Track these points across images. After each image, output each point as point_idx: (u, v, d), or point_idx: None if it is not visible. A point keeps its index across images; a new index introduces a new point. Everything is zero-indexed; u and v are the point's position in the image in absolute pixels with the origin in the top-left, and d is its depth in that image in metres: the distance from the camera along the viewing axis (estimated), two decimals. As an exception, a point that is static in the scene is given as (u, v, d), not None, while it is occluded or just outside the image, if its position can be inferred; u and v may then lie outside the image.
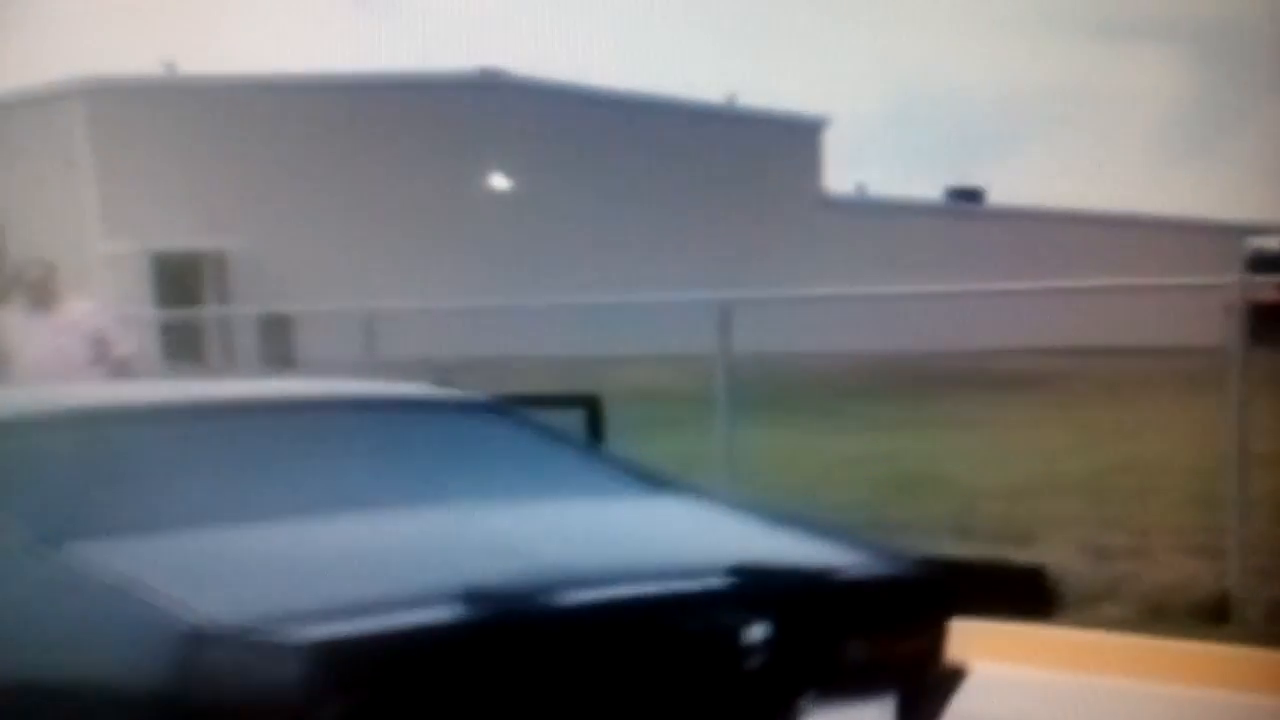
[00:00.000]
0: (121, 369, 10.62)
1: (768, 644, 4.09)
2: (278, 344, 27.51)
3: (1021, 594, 4.76)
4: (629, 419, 16.51)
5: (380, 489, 4.85)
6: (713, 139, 41.37)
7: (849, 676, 4.35)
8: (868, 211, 44.67)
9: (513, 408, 5.95)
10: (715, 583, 4.13)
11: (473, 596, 3.74)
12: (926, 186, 57.88)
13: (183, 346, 28.36)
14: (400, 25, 70.08)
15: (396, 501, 4.73)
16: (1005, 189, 53.42)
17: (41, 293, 10.71)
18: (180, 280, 33.57)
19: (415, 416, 5.62)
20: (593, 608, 3.91)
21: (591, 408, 9.00)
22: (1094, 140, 77.07)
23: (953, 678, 4.65)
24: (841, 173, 46.76)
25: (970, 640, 4.78)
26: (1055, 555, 9.05)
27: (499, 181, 37.60)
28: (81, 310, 10.86)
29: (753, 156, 41.70)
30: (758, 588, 4.15)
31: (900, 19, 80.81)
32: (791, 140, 43.51)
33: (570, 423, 9.00)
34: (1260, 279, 12.36)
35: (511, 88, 38.26)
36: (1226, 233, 46.10)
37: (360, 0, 68.85)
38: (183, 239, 34.29)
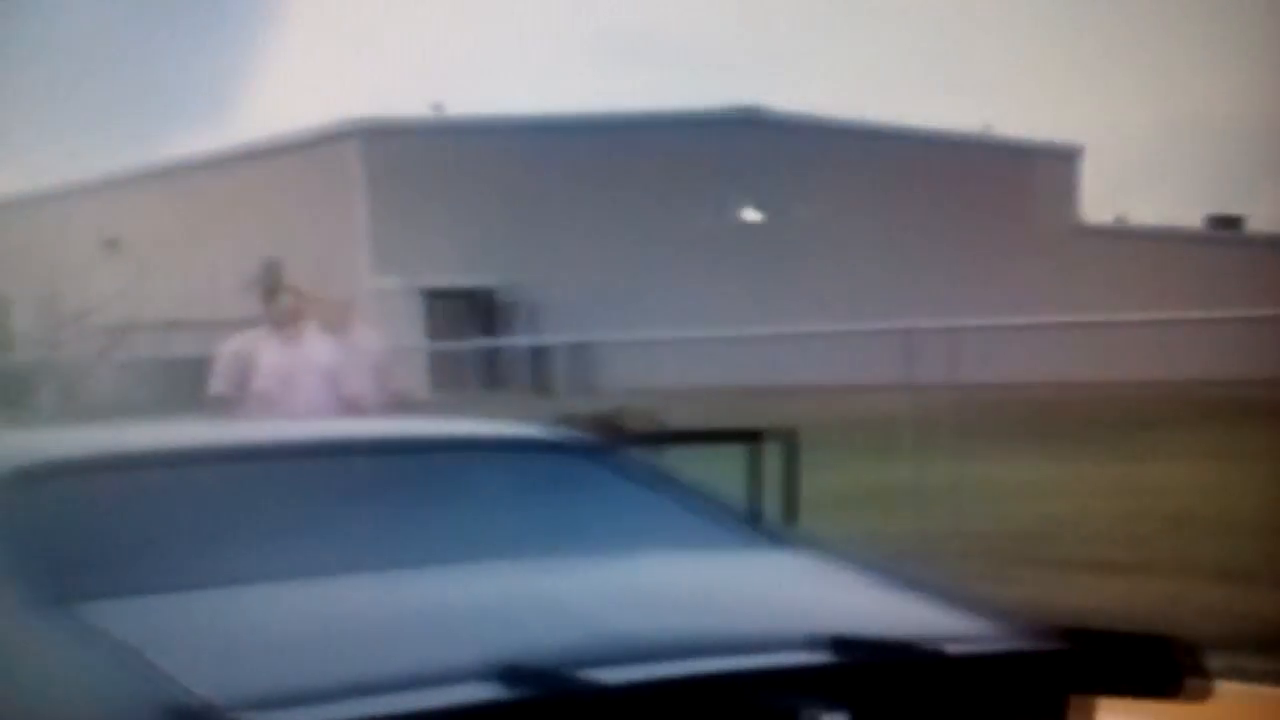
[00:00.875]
0: (355, 406, 10.25)
1: None
2: (540, 374, 28.56)
3: (1149, 670, 3.98)
4: (850, 448, 17.08)
5: (438, 542, 4.50)
6: (968, 168, 41.53)
7: None
8: (1124, 239, 44.40)
9: (616, 449, 5.49)
10: (790, 659, 3.66)
11: (502, 673, 3.37)
12: (1187, 215, 57.25)
13: (452, 378, 29.55)
14: (657, 64, 71.20)
15: (452, 557, 4.37)
16: (1266, 217, 52.71)
17: (287, 316, 10.44)
18: (449, 315, 34.79)
19: (494, 459, 5.18)
20: (641, 687, 3.46)
21: (788, 442, 8.96)
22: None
23: None
24: (1102, 201, 46.53)
25: None
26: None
27: (751, 214, 38.27)
28: (367, 338, 10.71)
29: (1008, 186, 41.79)
30: (841, 666, 3.67)
31: (1163, 49, 79.73)
32: (1047, 169, 43.51)
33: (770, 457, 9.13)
34: None
35: (768, 123, 38.94)
36: None
37: (614, 40, 70.02)
38: (451, 276, 35.53)
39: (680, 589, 4.29)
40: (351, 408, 10.22)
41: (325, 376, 10.34)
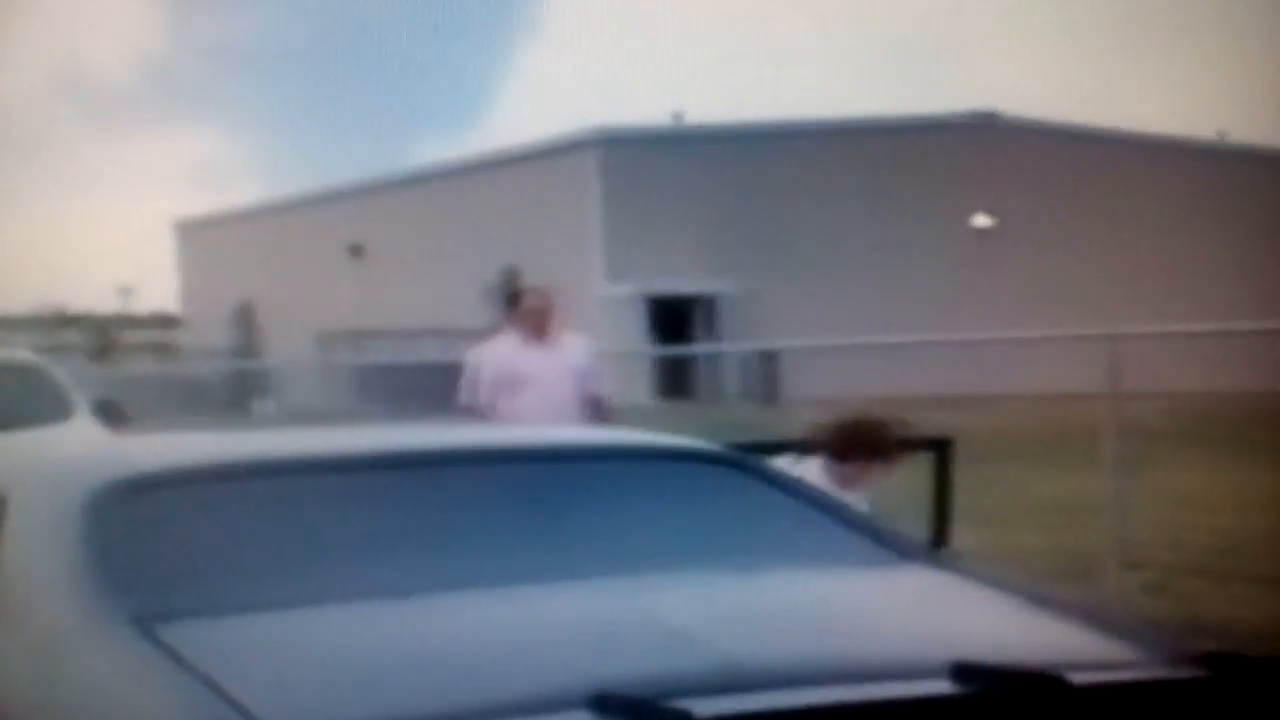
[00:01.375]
0: (600, 408, 10.04)
1: None
2: (762, 380, 28.74)
3: None
4: (1036, 458, 16.86)
5: (555, 558, 4.32)
6: (1201, 175, 40.76)
7: None
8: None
9: (749, 458, 5.24)
10: (912, 688, 3.43)
11: (600, 702, 3.19)
12: None
13: (674, 384, 29.90)
14: (893, 68, 70.87)
15: (570, 573, 4.19)
16: None
17: (539, 322, 10.07)
18: (672, 321, 35.15)
19: (617, 469, 4.96)
20: (752, 717, 3.28)
21: (940, 451, 9.10)
22: None
23: None
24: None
25: None
26: None
27: (982, 220, 38.03)
28: (572, 344, 10.21)
29: (1244, 192, 40.87)
30: (965, 696, 3.43)
31: None
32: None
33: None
34: None
35: (1002, 128, 38.66)
36: None
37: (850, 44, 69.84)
38: (676, 283, 35.89)
39: (806, 609, 4.10)
40: (599, 410, 10.00)
41: (578, 380, 10.05)
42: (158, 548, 4.15)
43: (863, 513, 5.16)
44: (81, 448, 7.12)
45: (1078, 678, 3.47)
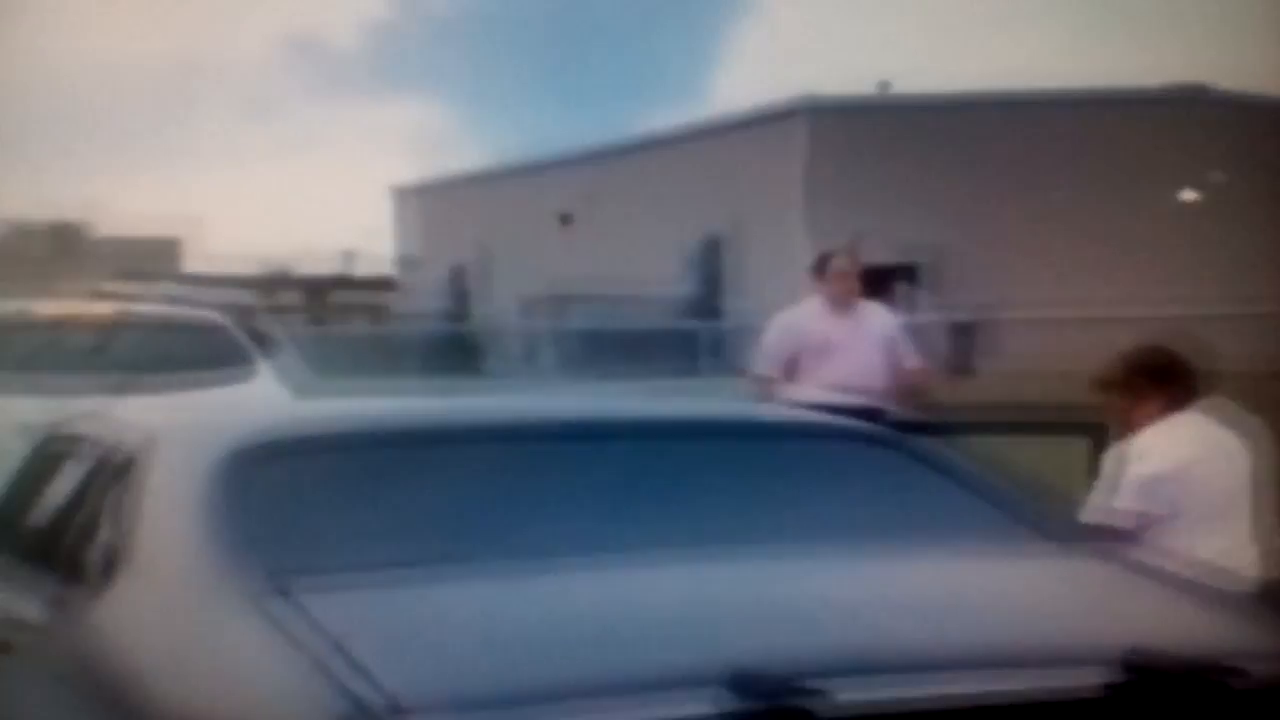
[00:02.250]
0: (911, 386, 9.59)
1: None
2: (959, 352, 28.58)
3: None
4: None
5: (689, 532, 4.23)
6: None
7: None
8: None
9: (898, 435, 5.10)
10: (1059, 679, 3.29)
11: (733, 682, 3.06)
12: None
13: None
14: (1103, 40, 69.57)
15: (702, 548, 4.12)
16: None
17: (848, 286, 9.63)
18: (873, 291, 34.95)
19: (767, 445, 4.89)
20: (884, 705, 3.16)
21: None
22: None
23: None
24: None
25: None
26: None
27: (1189, 195, 37.35)
28: (877, 311, 9.85)
29: None
30: (1117, 688, 3.25)
31: None
32: None
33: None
34: None
35: (1211, 101, 37.91)
36: None
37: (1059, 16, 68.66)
38: (878, 252, 35.80)
39: (958, 593, 3.96)
40: (911, 383, 9.60)
41: (887, 348, 9.64)
42: (290, 512, 4.19)
43: (1029, 495, 4.89)
44: (222, 410, 7.28)
45: (1244, 672, 3.32)
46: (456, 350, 37.36)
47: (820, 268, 9.79)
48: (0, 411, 9.50)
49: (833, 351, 9.45)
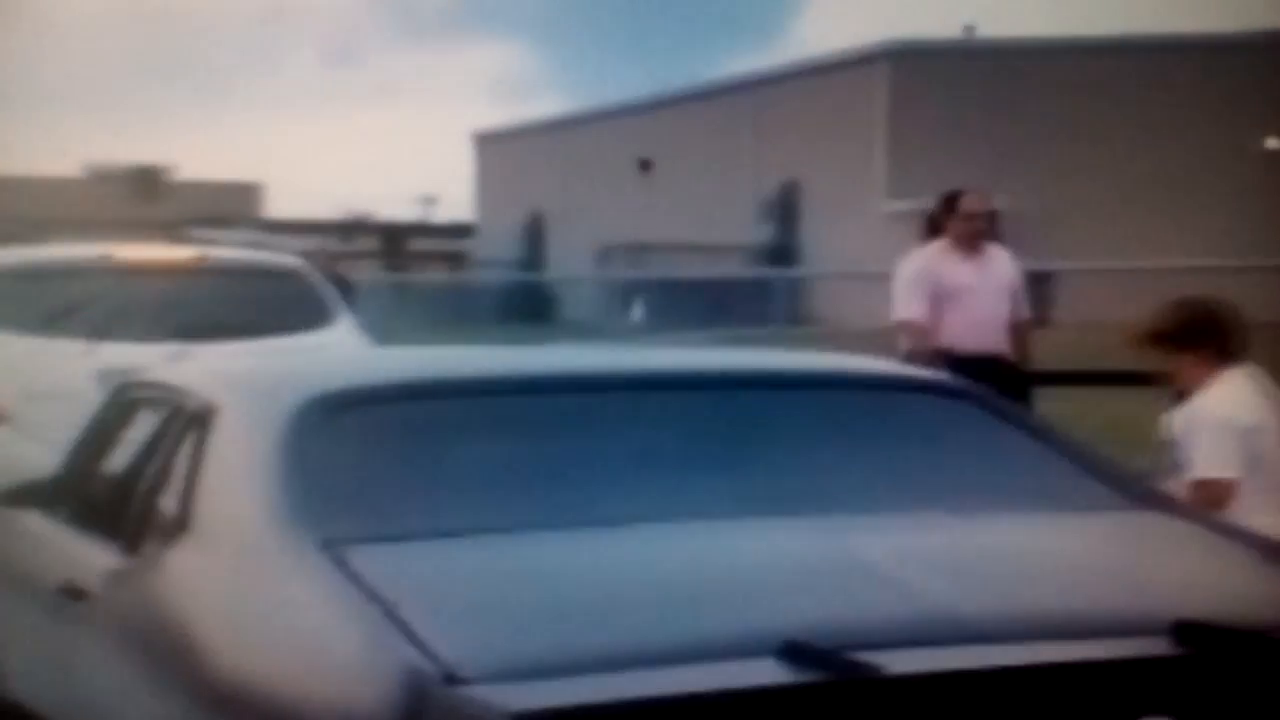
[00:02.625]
0: (1020, 331, 9.17)
1: None
2: (1035, 302, 28.34)
3: None
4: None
5: (753, 492, 4.10)
6: None
7: None
8: None
9: (972, 390, 4.84)
10: (1115, 649, 3.21)
11: (790, 651, 3.04)
12: None
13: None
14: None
15: (767, 508, 4.00)
16: None
17: (978, 228, 9.17)
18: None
19: (837, 399, 4.69)
20: (955, 674, 3.09)
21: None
22: None
23: None
24: None
25: None
26: None
27: (1273, 143, 36.81)
28: (1001, 256, 9.33)
29: None
30: (1176, 659, 3.19)
31: None
32: None
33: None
34: None
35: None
36: None
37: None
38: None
39: (1022, 557, 3.84)
40: (1020, 331, 9.18)
41: (1011, 296, 9.19)
42: (356, 467, 4.08)
43: (1088, 451, 4.66)
44: (294, 360, 7.11)
45: None
46: (533, 300, 37.40)
47: (948, 207, 9.29)
48: (80, 357, 9.39)
49: (962, 295, 9.01)
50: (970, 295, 9.02)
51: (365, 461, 4.14)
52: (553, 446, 4.29)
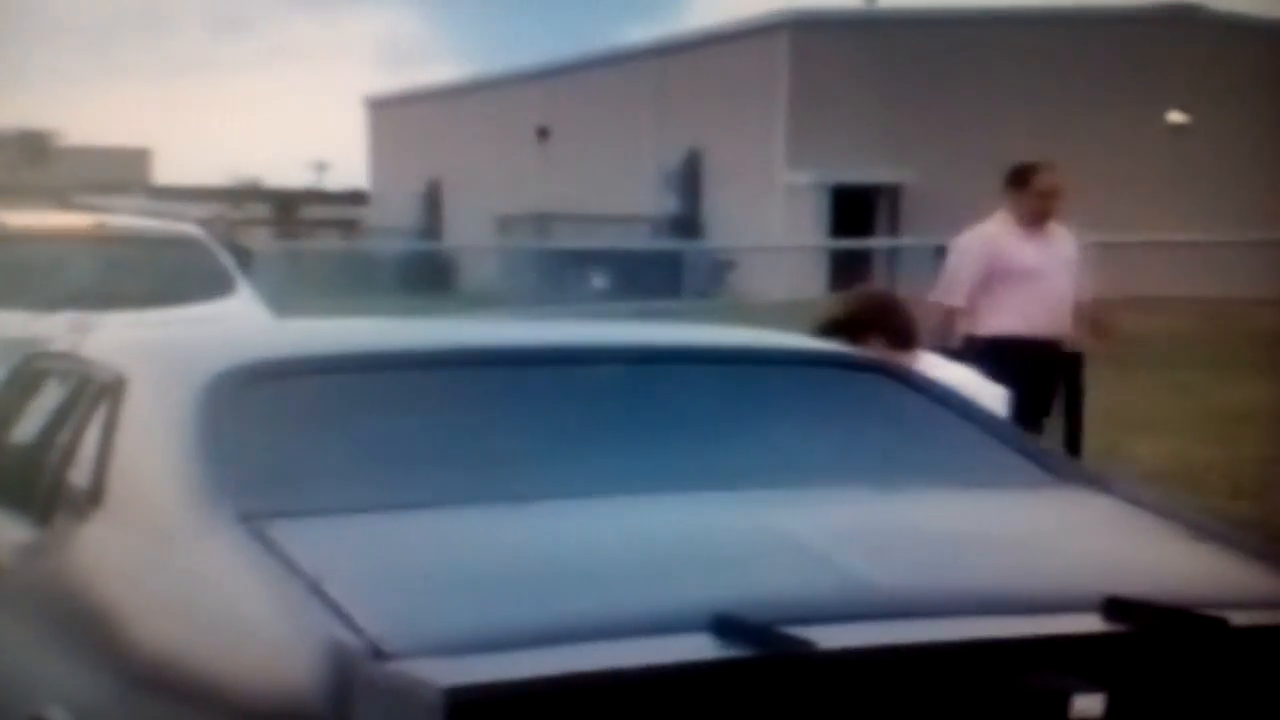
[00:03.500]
0: (1091, 319, 8.74)
1: None
2: (937, 275, 28.24)
3: None
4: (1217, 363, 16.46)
5: (678, 466, 4.09)
6: None
7: None
8: None
9: (888, 365, 4.92)
10: (1048, 625, 3.21)
11: (719, 625, 3.03)
12: None
13: (852, 279, 29.51)
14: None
15: (691, 483, 3.97)
16: None
17: (1050, 205, 8.66)
18: (853, 212, 34.69)
19: (752, 374, 4.68)
20: (886, 650, 3.09)
21: (1072, 363, 8.36)
22: None
23: None
24: None
25: None
26: None
27: (1176, 116, 37.01)
28: (1063, 234, 8.83)
29: None
30: (1106, 635, 3.20)
31: None
32: None
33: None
34: None
35: (1203, 21, 37.54)
36: None
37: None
38: (859, 172, 35.42)
39: (949, 532, 3.82)
40: (1083, 313, 8.72)
41: (1074, 275, 8.72)
42: (272, 440, 4.00)
43: (1007, 427, 4.72)
44: (205, 332, 7.01)
45: (1238, 617, 3.23)
46: (431, 269, 36.98)
47: (1019, 181, 8.69)
48: None
49: (1026, 277, 8.47)
50: (1038, 276, 8.49)
51: (282, 435, 4.05)
52: (473, 421, 4.22)
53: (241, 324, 9.17)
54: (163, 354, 4.69)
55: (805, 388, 4.65)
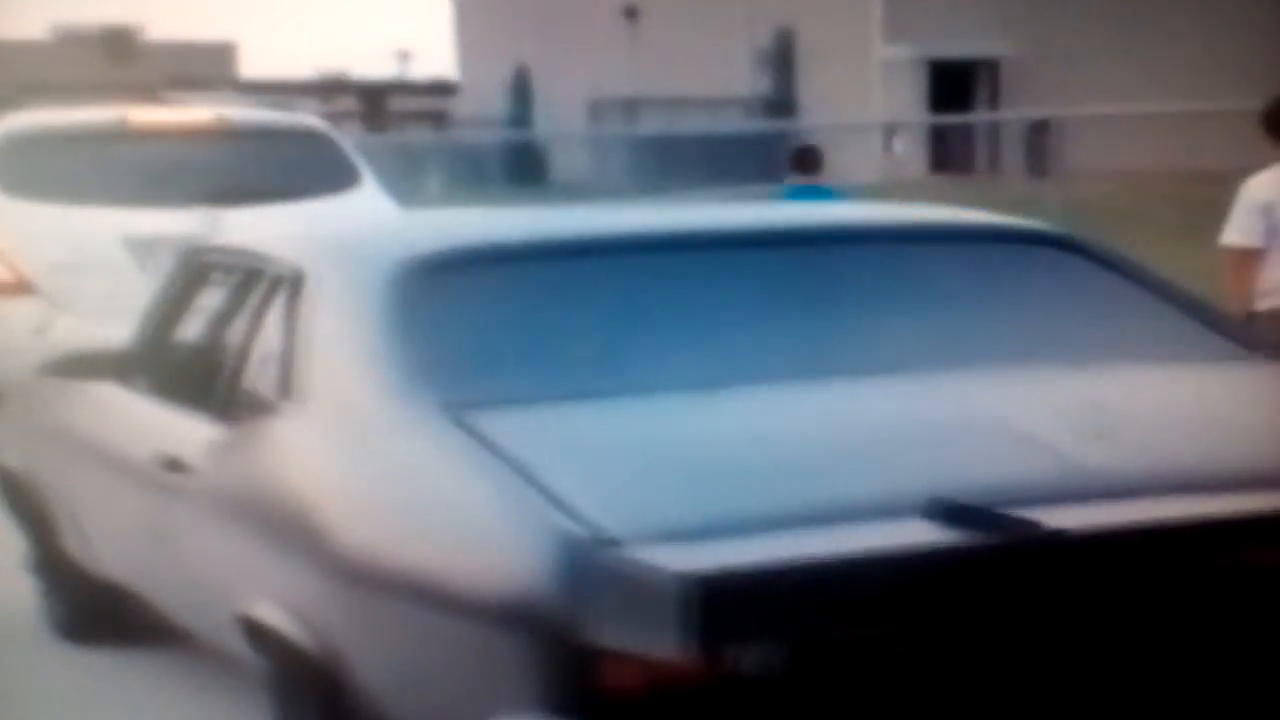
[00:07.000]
0: None
1: None
2: (1032, 152, 27.74)
3: None
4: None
5: (877, 348, 4.01)
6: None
7: None
8: None
9: (1081, 240, 4.73)
10: (1251, 502, 3.15)
11: (941, 509, 2.99)
12: None
13: (952, 157, 29.09)
14: None
15: (888, 366, 3.87)
16: None
17: None
18: (953, 88, 34.14)
19: (944, 252, 4.53)
20: (1106, 533, 3.02)
21: None
22: None
23: None
24: None
25: None
26: None
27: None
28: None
29: None
30: None
31: None
32: None
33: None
34: None
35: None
36: None
37: None
38: (958, 45, 34.79)
39: (1157, 410, 3.76)
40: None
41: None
42: (462, 331, 3.95)
43: (1202, 300, 4.62)
44: (380, 223, 6.97)
45: None
46: (522, 158, 36.63)
47: None
48: (104, 226, 9.16)
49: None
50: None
51: (470, 326, 3.99)
52: (662, 308, 4.14)
53: (389, 216, 9.10)
54: (342, 246, 4.57)
55: (994, 264, 4.52)
